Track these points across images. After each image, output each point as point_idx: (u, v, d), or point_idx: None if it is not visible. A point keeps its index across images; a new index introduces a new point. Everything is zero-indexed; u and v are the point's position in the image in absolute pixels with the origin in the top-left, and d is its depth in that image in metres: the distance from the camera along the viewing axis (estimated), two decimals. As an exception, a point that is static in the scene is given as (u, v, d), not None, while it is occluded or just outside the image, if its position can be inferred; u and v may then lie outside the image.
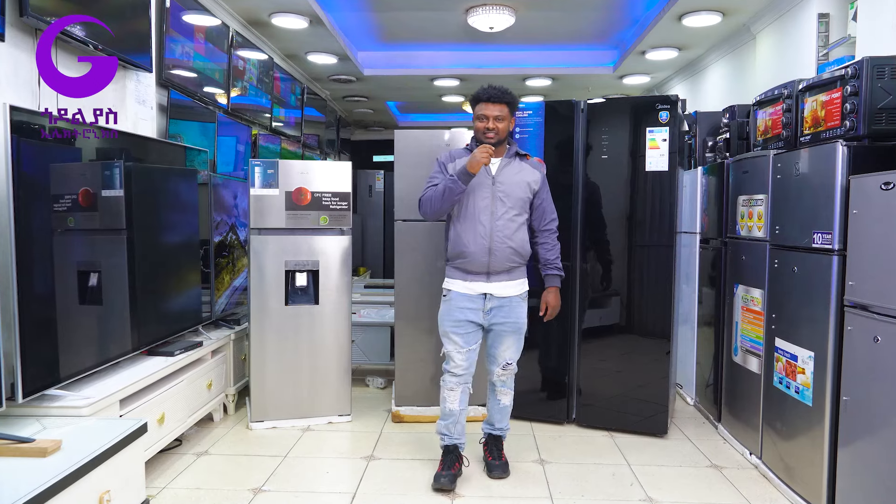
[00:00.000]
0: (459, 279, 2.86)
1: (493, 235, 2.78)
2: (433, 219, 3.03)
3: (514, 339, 2.90)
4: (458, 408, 2.88)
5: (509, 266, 2.83)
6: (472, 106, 2.86)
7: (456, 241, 2.84)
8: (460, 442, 2.94)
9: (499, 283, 2.83)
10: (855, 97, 2.48)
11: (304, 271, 3.62)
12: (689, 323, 4.06)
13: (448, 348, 2.87)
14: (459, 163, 2.80)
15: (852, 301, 2.41)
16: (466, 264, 2.82)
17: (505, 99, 2.80)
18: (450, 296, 2.87)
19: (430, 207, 2.83)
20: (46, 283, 2.39)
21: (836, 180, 2.48)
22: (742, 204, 3.31)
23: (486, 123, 2.79)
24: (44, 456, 1.99)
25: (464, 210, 2.82)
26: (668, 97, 3.42)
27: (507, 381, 2.96)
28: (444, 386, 2.90)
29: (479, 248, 2.78)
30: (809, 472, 2.63)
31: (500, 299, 2.84)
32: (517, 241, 2.83)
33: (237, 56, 4.89)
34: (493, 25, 5.33)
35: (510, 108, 2.83)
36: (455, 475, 2.86)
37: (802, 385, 2.70)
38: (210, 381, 3.46)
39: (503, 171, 2.84)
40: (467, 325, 2.83)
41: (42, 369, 2.34)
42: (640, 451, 3.31)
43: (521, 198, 2.85)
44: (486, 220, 2.78)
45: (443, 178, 2.80)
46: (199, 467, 3.05)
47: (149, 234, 3.13)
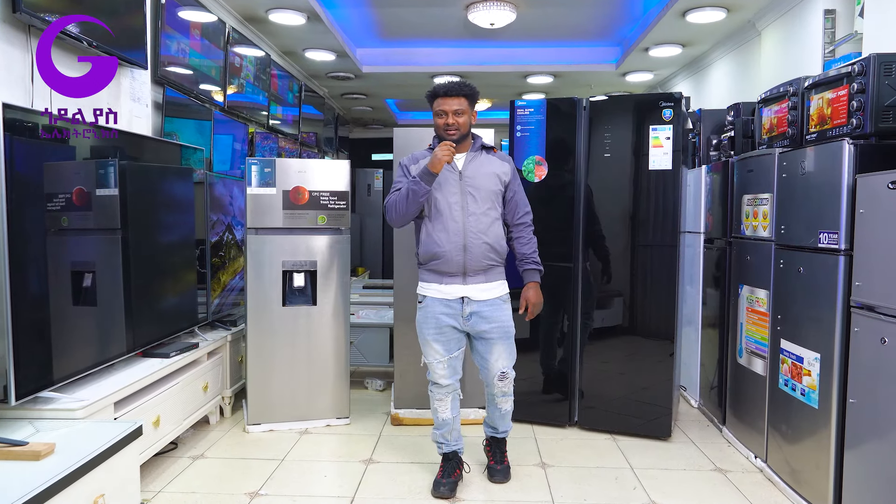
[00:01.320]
0: (434, 283, 2.77)
1: (467, 232, 2.70)
2: (400, 225, 2.85)
3: (505, 346, 2.80)
4: (451, 415, 2.85)
5: (486, 265, 2.74)
6: (430, 102, 2.78)
7: (427, 241, 2.75)
8: (458, 447, 2.92)
9: (476, 285, 2.74)
10: (862, 94, 2.48)
11: (302, 271, 3.61)
12: (692, 324, 4.06)
13: (429, 359, 2.80)
14: (422, 163, 2.72)
15: (859, 302, 2.41)
16: (440, 265, 2.73)
17: (463, 91, 2.73)
18: (425, 302, 2.78)
19: (395, 213, 2.74)
20: (40, 284, 2.39)
21: (843, 179, 2.48)
22: (747, 203, 3.31)
23: (445, 119, 2.71)
24: (37, 459, 1.99)
25: (433, 209, 2.74)
26: (671, 95, 3.42)
27: (507, 391, 2.87)
28: (432, 397, 2.85)
29: (453, 246, 2.70)
30: (815, 475, 2.63)
31: (480, 303, 2.74)
32: (492, 236, 2.74)
33: (234, 53, 4.90)
34: (494, 22, 5.33)
35: (469, 100, 2.75)
36: (455, 482, 2.85)
37: (808, 387, 2.70)
38: (206, 384, 3.46)
39: (469, 164, 2.77)
40: (448, 331, 2.75)
41: (35, 371, 2.33)
42: (644, 454, 3.30)
43: (493, 191, 2.77)
44: (459, 217, 2.70)
45: (406, 182, 2.72)
46: (194, 471, 3.05)
47: (144, 233, 3.13)
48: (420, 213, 2.78)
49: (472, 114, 2.79)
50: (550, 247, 3.65)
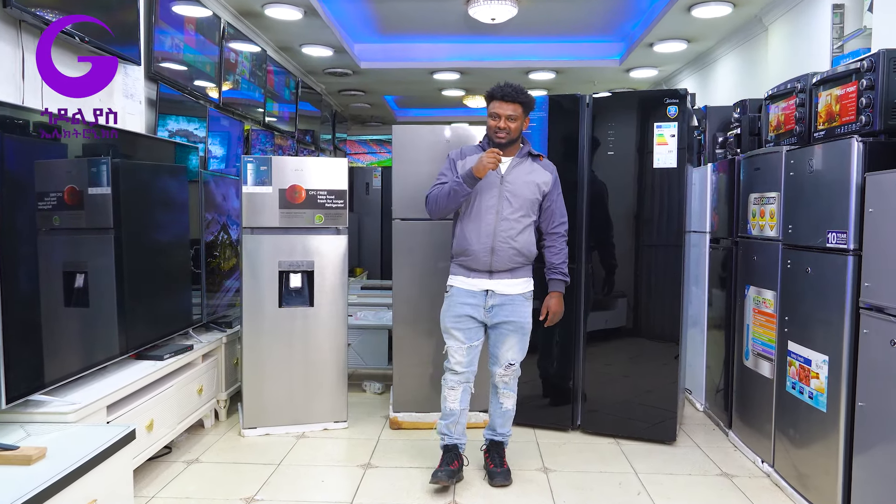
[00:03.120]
0: (462, 275, 2.94)
1: (497, 235, 2.85)
2: (437, 218, 3.07)
3: (517, 339, 2.93)
4: (459, 407, 2.95)
5: (512, 266, 2.89)
6: (487, 103, 2.91)
7: (460, 238, 2.92)
8: (460, 442, 2.99)
9: (501, 280, 2.89)
10: (871, 91, 2.48)
11: (299, 272, 3.61)
12: (698, 326, 4.06)
13: (449, 344, 2.95)
14: (470, 160, 2.87)
15: (868, 303, 2.41)
16: (469, 262, 2.90)
17: (519, 98, 2.85)
18: (452, 291, 2.96)
19: (435, 206, 2.92)
20: (31, 284, 2.39)
21: (851, 177, 2.48)
22: (753, 202, 3.31)
23: (498, 122, 2.85)
24: (28, 464, 1.99)
25: (470, 208, 2.90)
26: (676, 91, 3.42)
27: (509, 384, 2.98)
28: (444, 385, 2.97)
29: (482, 246, 2.85)
30: (824, 480, 2.63)
31: (503, 297, 2.89)
32: (521, 242, 2.88)
33: (229, 48, 4.90)
34: (495, 16, 5.33)
35: (524, 108, 2.87)
36: (454, 472, 2.91)
37: (816, 390, 2.70)
38: (201, 386, 3.46)
39: (513, 171, 2.90)
40: (468, 320, 2.90)
41: (26, 374, 2.33)
42: (648, 458, 3.31)
43: (529, 199, 2.90)
44: (491, 220, 2.85)
45: (451, 177, 2.88)
46: (189, 476, 3.05)
47: (137, 233, 3.13)
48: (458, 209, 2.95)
49: (525, 120, 2.93)
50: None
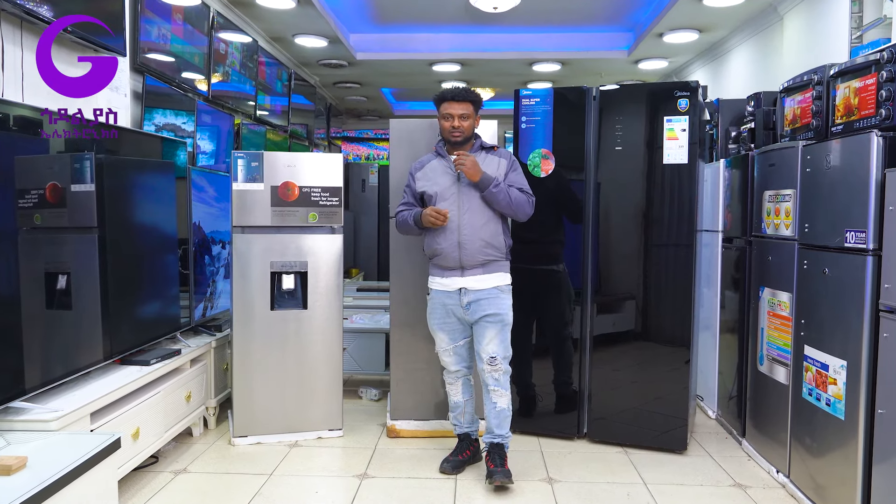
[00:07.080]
0: (437, 276, 3.16)
1: (462, 229, 3.04)
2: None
3: (497, 331, 3.07)
4: (463, 399, 3.26)
5: (483, 260, 3.07)
6: (437, 106, 3.13)
7: (429, 238, 3.13)
8: (471, 429, 3.32)
9: (473, 276, 3.08)
10: (891, 83, 2.48)
11: (292, 273, 3.62)
12: (710, 329, 4.06)
13: (437, 347, 3.24)
14: (429, 168, 3.13)
15: (888, 305, 2.41)
16: (440, 261, 3.11)
17: (469, 97, 3.09)
18: (432, 294, 3.20)
19: (402, 230, 3.27)
20: (10, 286, 2.39)
21: (871, 174, 2.48)
22: (768, 200, 3.31)
23: (451, 122, 3.07)
24: (8, 474, 1.99)
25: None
26: (687, 83, 3.42)
27: (499, 380, 3.09)
28: (445, 381, 3.31)
29: (450, 243, 3.05)
30: (842, 491, 2.63)
31: (477, 292, 3.07)
32: (488, 233, 3.06)
33: (218, 39, 4.90)
34: (497, 5, 5.34)
35: (475, 106, 3.11)
36: (462, 462, 3.23)
37: (834, 397, 2.70)
38: (189, 393, 3.47)
39: None
40: (450, 321, 3.15)
41: (5, 380, 2.33)
42: (658, 468, 3.31)
43: None
44: (454, 215, 3.04)
45: (410, 193, 3.18)
46: (176, 486, 3.05)
47: (122, 232, 3.13)
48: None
49: (476, 118, 3.16)
50: (558, 247, 3.67)
